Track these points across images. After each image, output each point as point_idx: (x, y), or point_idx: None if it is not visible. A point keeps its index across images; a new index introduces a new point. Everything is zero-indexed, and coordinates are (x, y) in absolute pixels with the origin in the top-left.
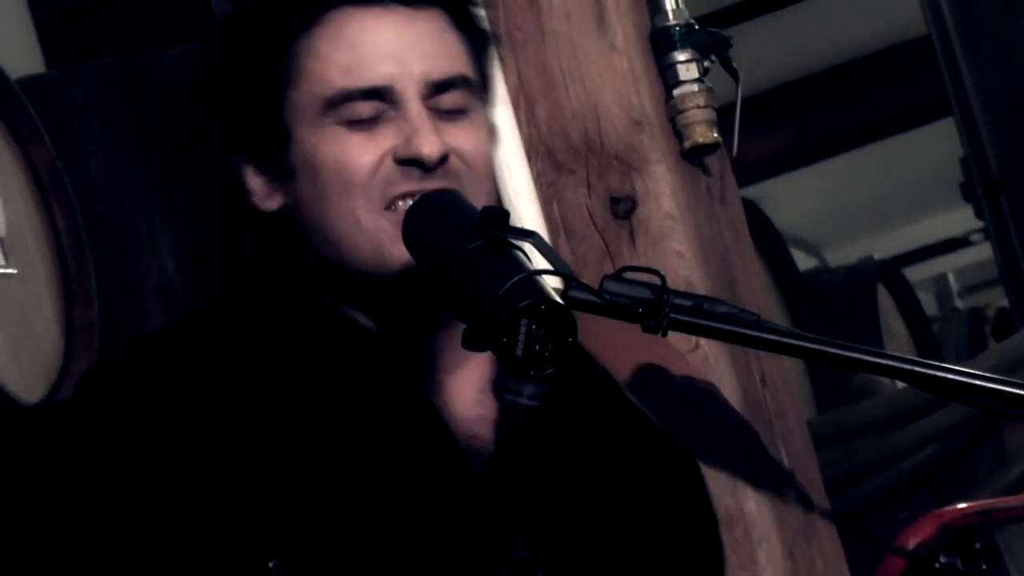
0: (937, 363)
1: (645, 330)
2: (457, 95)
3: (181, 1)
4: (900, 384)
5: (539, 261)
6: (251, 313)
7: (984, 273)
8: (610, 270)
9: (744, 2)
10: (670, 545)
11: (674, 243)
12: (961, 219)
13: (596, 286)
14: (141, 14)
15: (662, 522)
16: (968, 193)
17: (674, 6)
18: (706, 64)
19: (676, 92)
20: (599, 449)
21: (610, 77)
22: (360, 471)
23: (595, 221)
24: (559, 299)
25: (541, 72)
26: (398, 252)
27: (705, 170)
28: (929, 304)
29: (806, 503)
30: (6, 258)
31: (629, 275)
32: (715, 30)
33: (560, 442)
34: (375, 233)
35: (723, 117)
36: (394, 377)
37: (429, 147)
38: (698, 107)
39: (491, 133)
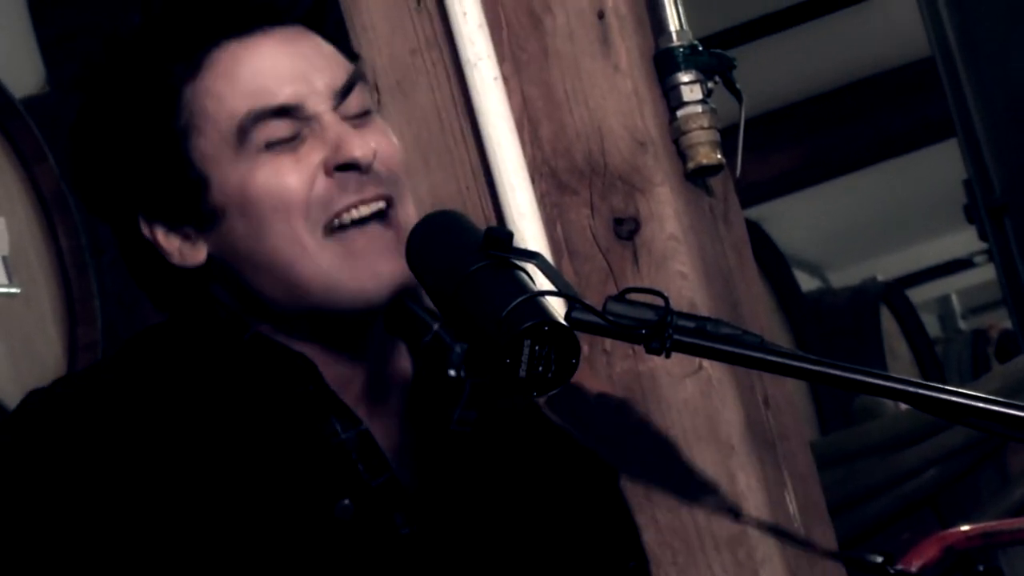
0: (940, 385)
1: (648, 351)
2: (358, 96)
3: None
4: (903, 406)
5: (542, 282)
6: (183, 345)
7: (987, 295)
8: (613, 291)
9: (748, 23)
10: (606, 566)
11: (677, 264)
12: (964, 241)
13: (599, 307)
14: None
15: (595, 542)
16: (971, 215)
17: (678, 27)
18: (710, 85)
19: (680, 113)
20: (525, 472)
21: (614, 98)
22: (299, 504)
23: (598, 242)
24: (563, 320)
25: (545, 93)
26: (349, 284)
27: (709, 191)
28: (932, 325)
29: (809, 525)
30: (9, 277)
31: (632, 296)
32: (719, 51)
33: (487, 467)
34: (322, 260)
35: (726, 137)
36: (330, 405)
37: (360, 149)
38: (702, 128)
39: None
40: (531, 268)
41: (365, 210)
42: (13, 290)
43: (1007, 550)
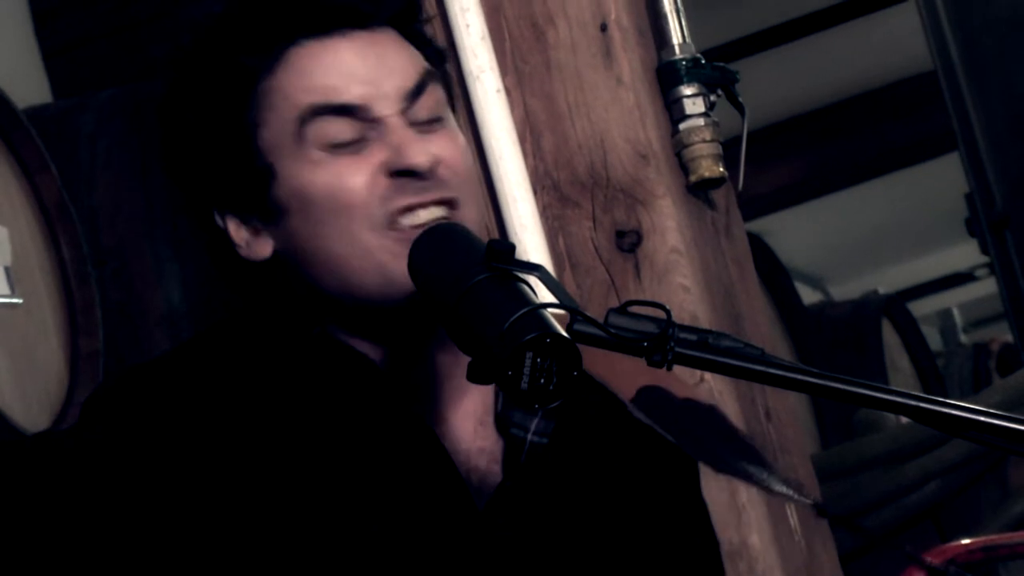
0: (941, 399)
1: (650, 364)
2: (430, 99)
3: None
4: (904, 419)
5: (544, 294)
6: (247, 341)
7: (989, 308)
8: (615, 303)
9: (750, 36)
10: (686, 559)
11: (679, 277)
12: (966, 254)
13: (601, 320)
14: (148, 45)
15: (677, 538)
16: (973, 228)
17: (680, 40)
18: (712, 98)
19: (682, 126)
20: (606, 481)
21: (616, 111)
22: (362, 501)
23: (600, 254)
24: (564, 333)
25: (547, 105)
26: (403, 272)
27: (711, 204)
28: (933, 339)
29: (810, 538)
30: (12, 288)
31: (634, 309)
32: (721, 64)
33: (566, 476)
34: (379, 253)
35: (728, 150)
36: (395, 406)
37: (421, 156)
38: (704, 141)
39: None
40: (533, 280)
41: (425, 215)
42: (15, 300)
43: (1008, 564)
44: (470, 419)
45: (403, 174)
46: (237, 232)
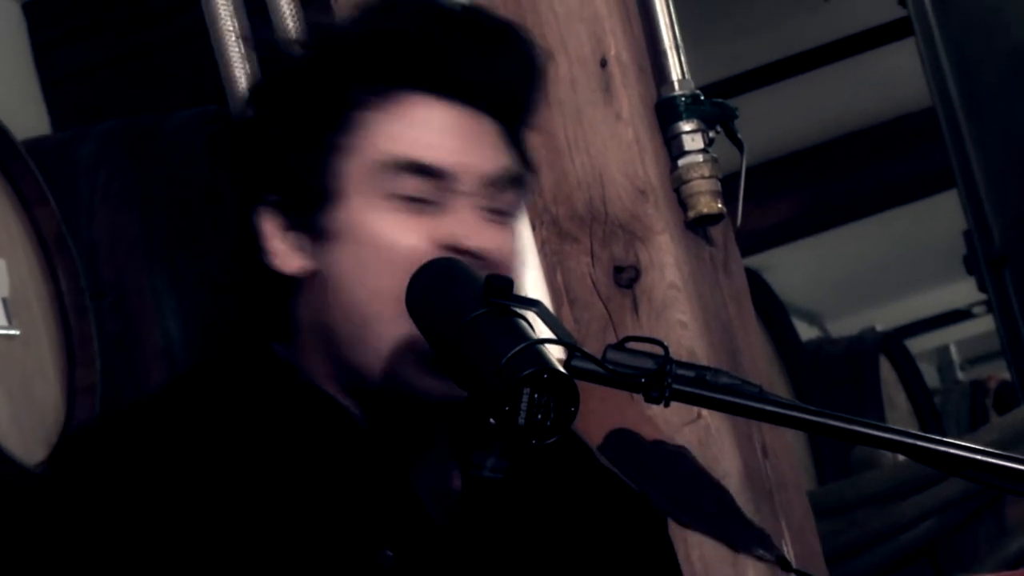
0: (938, 437)
1: (648, 400)
2: (511, 195)
3: (188, 64)
4: (901, 456)
5: (542, 330)
6: (230, 387)
7: (986, 346)
8: (613, 339)
9: (749, 72)
10: None
11: (677, 313)
12: (964, 291)
13: (599, 356)
14: (147, 76)
15: None
16: (971, 266)
17: (680, 76)
18: (711, 134)
19: (681, 162)
20: (564, 521)
21: (615, 146)
22: (340, 553)
23: (598, 290)
24: (562, 368)
25: (547, 140)
26: (406, 381)
27: (709, 240)
28: (931, 376)
29: (806, 575)
30: (9, 319)
31: (632, 345)
32: (720, 100)
33: (519, 512)
34: (393, 338)
35: (726, 185)
36: (374, 459)
37: (477, 240)
38: (703, 177)
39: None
40: (531, 316)
41: None
42: (12, 332)
43: None
44: (437, 463)
45: (461, 253)
46: (272, 238)
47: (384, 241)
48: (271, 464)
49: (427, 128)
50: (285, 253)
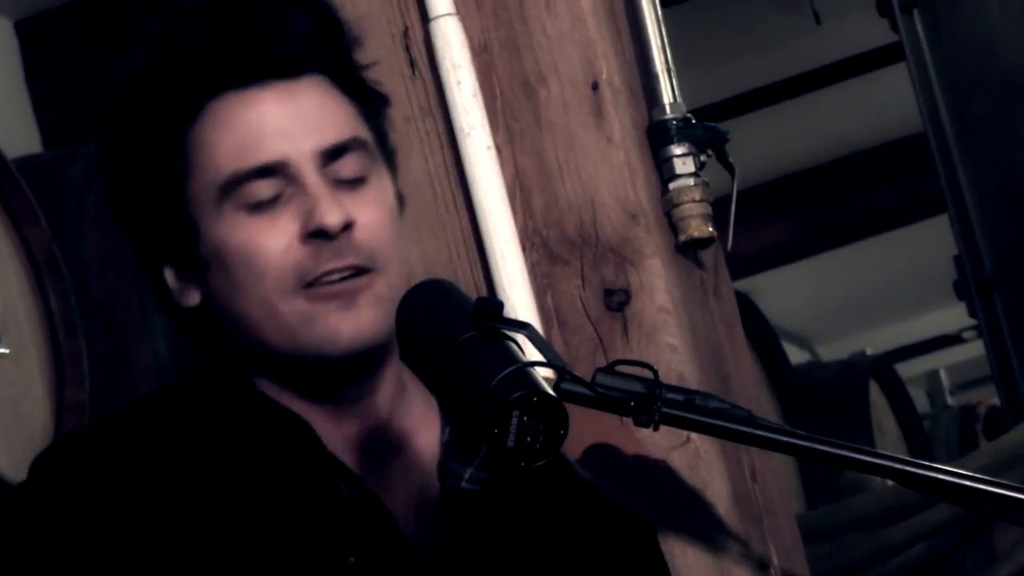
0: (927, 463)
1: (637, 424)
2: (353, 160)
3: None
4: (890, 480)
5: (532, 353)
6: (191, 404)
7: (976, 371)
8: (603, 363)
9: (740, 96)
10: None
11: (667, 336)
12: (954, 316)
13: (589, 379)
14: None
15: None
16: (961, 291)
17: (671, 100)
18: (702, 158)
19: (672, 186)
20: (549, 529)
21: (606, 169)
22: (304, 561)
23: (589, 313)
24: (551, 391)
25: (538, 163)
26: (305, 343)
27: (699, 264)
28: (921, 401)
29: None
30: None
31: (622, 368)
32: (712, 124)
33: (498, 524)
34: (288, 315)
35: (717, 209)
36: (332, 468)
37: (330, 216)
38: (694, 201)
39: (396, 200)
40: (521, 338)
41: (339, 287)
42: (2, 350)
43: None
44: (414, 471)
45: (315, 236)
46: (172, 278)
47: (246, 255)
48: (229, 477)
49: (246, 128)
50: (183, 291)
